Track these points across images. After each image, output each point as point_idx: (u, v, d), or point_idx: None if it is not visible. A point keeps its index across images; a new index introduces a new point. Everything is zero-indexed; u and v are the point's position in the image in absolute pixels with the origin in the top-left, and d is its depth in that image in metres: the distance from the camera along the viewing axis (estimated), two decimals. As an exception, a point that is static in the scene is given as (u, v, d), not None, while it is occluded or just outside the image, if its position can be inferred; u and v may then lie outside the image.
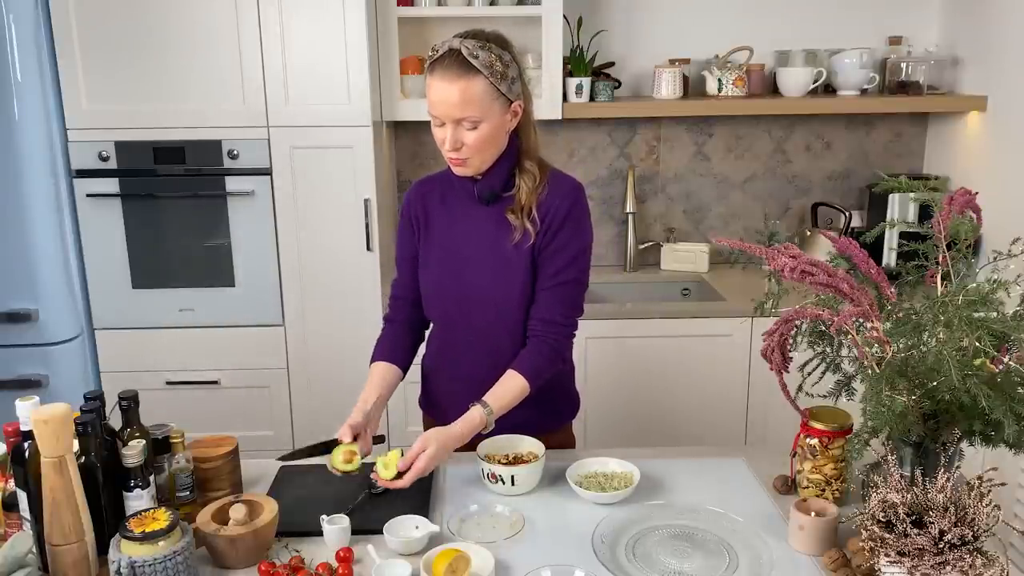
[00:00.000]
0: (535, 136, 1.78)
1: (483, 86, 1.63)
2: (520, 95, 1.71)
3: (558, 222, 1.75)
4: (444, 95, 1.63)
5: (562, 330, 1.79)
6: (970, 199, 1.47)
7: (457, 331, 1.86)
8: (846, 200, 3.31)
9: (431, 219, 1.85)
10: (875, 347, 1.38)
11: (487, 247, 1.79)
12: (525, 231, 1.75)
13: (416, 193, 1.89)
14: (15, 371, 2.70)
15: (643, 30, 3.20)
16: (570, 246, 1.76)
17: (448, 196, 1.84)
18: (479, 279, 1.80)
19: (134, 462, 1.45)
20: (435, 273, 1.85)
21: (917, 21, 3.20)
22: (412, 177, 3.28)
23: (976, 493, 1.25)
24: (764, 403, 2.87)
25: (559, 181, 1.80)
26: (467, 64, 1.62)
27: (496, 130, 1.69)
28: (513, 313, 1.79)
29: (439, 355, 1.93)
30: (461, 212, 1.82)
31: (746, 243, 1.46)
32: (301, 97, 2.68)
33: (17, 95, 2.53)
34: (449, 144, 1.67)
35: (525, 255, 1.76)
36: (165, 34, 2.62)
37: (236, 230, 2.78)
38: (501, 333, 1.81)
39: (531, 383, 1.74)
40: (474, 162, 1.71)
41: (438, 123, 1.69)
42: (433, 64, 1.66)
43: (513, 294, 1.78)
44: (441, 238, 1.84)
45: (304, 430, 2.91)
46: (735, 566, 1.45)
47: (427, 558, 1.41)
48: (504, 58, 1.66)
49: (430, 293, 1.87)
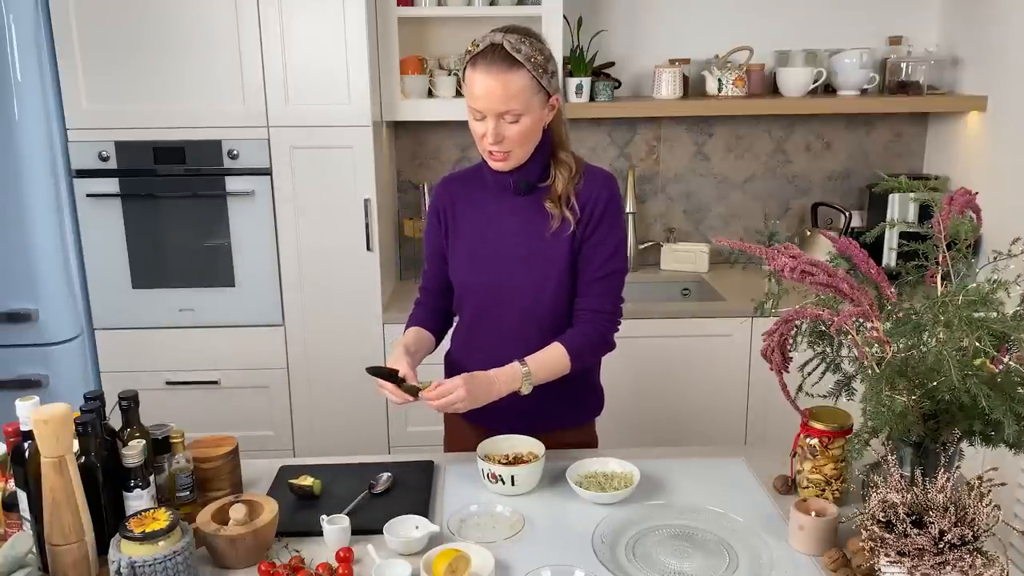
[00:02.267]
0: (567, 127, 1.81)
1: (526, 79, 1.65)
2: (558, 88, 1.74)
3: (599, 213, 1.77)
4: (488, 89, 1.65)
5: (611, 318, 1.82)
6: (970, 199, 1.47)
7: (487, 325, 1.86)
8: (846, 200, 3.31)
9: (460, 214, 1.86)
10: (875, 347, 1.38)
11: (523, 237, 1.80)
12: (564, 220, 1.76)
13: (444, 188, 1.91)
14: (15, 371, 2.70)
15: (643, 30, 3.20)
16: (613, 236, 1.79)
17: (478, 190, 1.85)
18: (513, 269, 1.80)
19: (134, 462, 1.45)
20: (467, 267, 1.86)
21: (917, 21, 3.20)
22: (412, 177, 3.28)
23: (976, 493, 1.25)
24: (764, 403, 2.87)
25: (593, 172, 1.82)
26: (511, 58, 1.64)
27: (536, 123, 1.71)
28: (545, 304, 1.80)
29: (466, 349, 1.92)
30: (494, 205, 1.83)
31: (746, 243, 1.46)
32: (301, 97, 2.68)
33: (17, 95, 2.53)
34: (491, 137, 1.69)
35: (564, 244, 1.77)
36: (165, 34, 2.62)
37: (236, 230, 2.78)
38: (531, 326, 1.80)
39: (572, 359, 1.75)
40: (516, 155, 1.73)
41: (478, 116, 1.70)
42: (475, 59, 1.67)
43: (548, 283, 1.79)
44: (472, 232, 1.85)
45: (304, 430, 2.92)
46: (735, 566, 1.45)
47: (427, 558, 1.41)
48: (545, 51, 1.69)
49: (462, 286, 1.88)
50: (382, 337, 2.83)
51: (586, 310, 1.80)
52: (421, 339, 1.89)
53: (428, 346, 1.91)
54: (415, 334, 1.89)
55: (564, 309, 1.81)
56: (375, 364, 1.72)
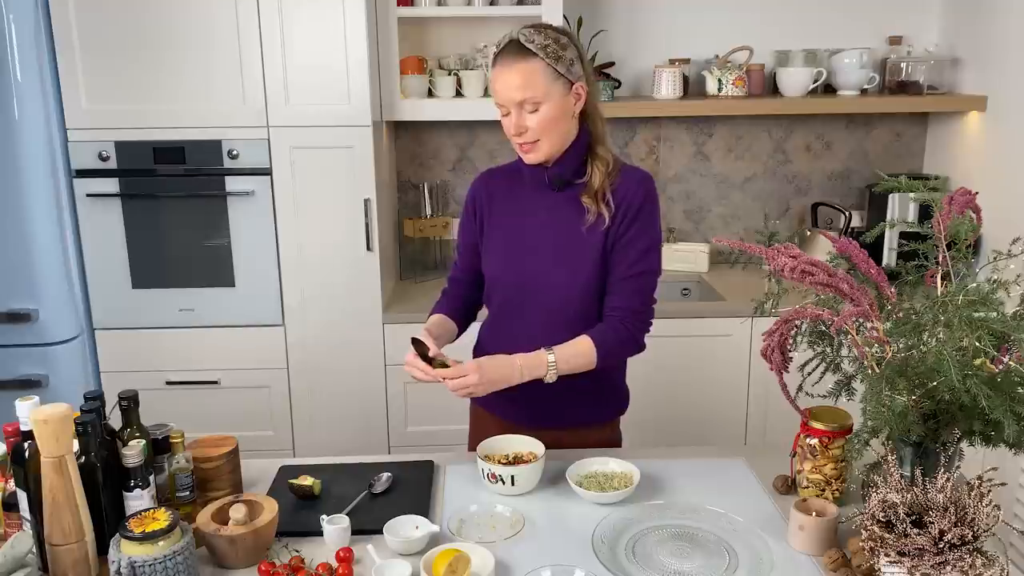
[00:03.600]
0: (603, 124, 1.82)
1: (539, 67, 1.68)
2: (582, 77, 1.74)
3: (634, 211, 1.77)
4: (504, 80, 1.69)
5: (642, 317, 1.81)
6: (970, 199, 1.47)
7: (515, 319, 1.86)
8: (846, 200, 3.31)
9: (495, 208, 1.87)
10: (875, 347, 1.38)
11: (557, 232, 1.80)
12: (599, 215, 1.76)
13: (482, 182, 1.92)
14: (15, 371, 2.70)
15: (643, 30, 3.21)
16: (647, 235, 1.78)
17: (515, 186, 1.86)
18: (546, 264, 1.80)
19: (134, 462, 1.45)
20: (500, 260, 1.86)
21: (917, 21, 3.20)
22: (412, 177, 3.28)
23: (976, 493, 1.25)
24: (764, 403, 2.87)
25: (630, 171, 1.82)
26: (523, 48, 1.68)
27: (559, 111, 1.71)
28: (575, 300, 1.79)
29: (492, 343, 1.90)
30: (529, 201, 1.83)
31: (746, 243, 1.46)
32: (301, 97, 2.68)
33: (17, 95, 2.53)
34: (513, 128, 1.71)
35: (598, 239, 1.77)
36: (165, 34, 2.62)
37: (236, 230, 2.78)
38: (559, 322, 1.79)
39: (599, 353, 1.74)
40: (543, 146, 1.73)
41: (504, 112, 1.73)
42: (496, 57, 1.72)
43: (579, 278, 1.78)
44: (507, 226, 1.85)
45: (304, 430, 2.92)
46: (735, 566, 1.45)
47: (427, 558, 1.41)
48: (560, 40, 1.71)
49: (493, 279, 1.88)
50: (382, 337, 2.83)
51: (615, 308, 1.79)
52: (444, 326, 1.89)
53: (451, 334, 1.91)
54: (439, 320, 1.89)
55: (592, 308, 1.80)
56: (414, 336, 1.70)
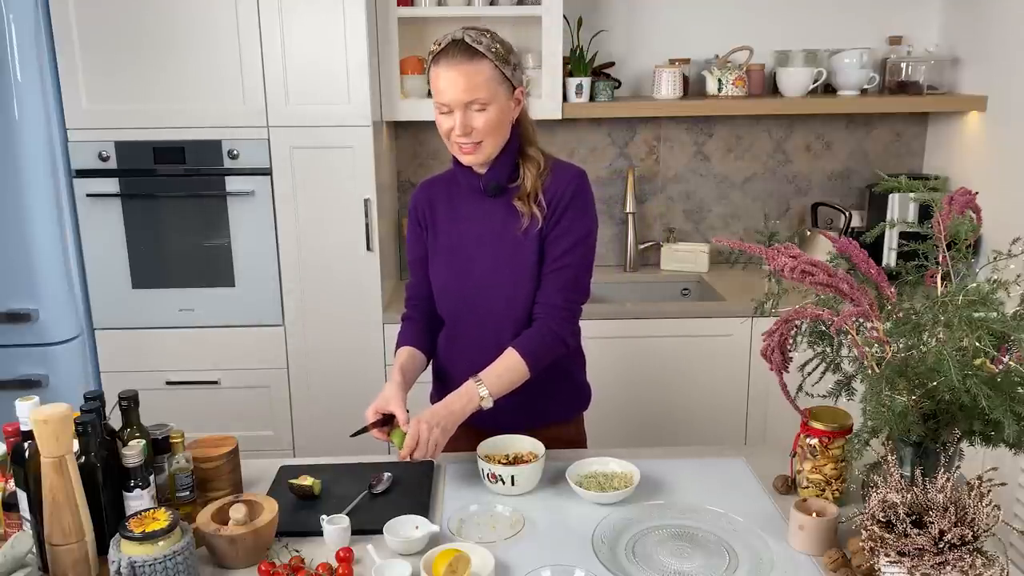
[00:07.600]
0: (532, 126, 1.83)
1: (489, 69, 1.68)
2: (521, 81, 1.76)
3: (562, 207, 1.77)
4: (451, 81, 1.67)
5: (563, 314, 1.80)
6: (970, 199, 1.47)
7: (465, 326, 1.87)
8: (846, 200, 3.31)
9: (437, 218, 1.88)
10: (875, 347, 1.38)
11: (495, 238, 1.80)
12: (533, 217, 1.77)
13: (422, 193, 1.92)
14: (15, 371, 2.70)
15: (643, 30, 3.21)
16: (573, 230, 1.78)
17: (453, 194, 1.86)
18: (487, 270, 1.81)
19: (134, 462, 1.45)
20: (444, 270, 1.87)
21: (917, 21, 3.20)
22: (412, 177, 3.28)
23: (976, 493, 1.25)
24: (764, 403, 2.87)
25: (562, 168, 1.83)
26: (472, 50, 1.68)
27: (503, 114, 1.72)
28: (520, 302, 1.80)
29: (449, 351, 1.92)
30: (466, 208, 1.84)
31: (746, 243, 1.46)
32: (301, 97, 2.68)
33: (17, 95, 2.53)
34: (459, 129, 1.70)
35: (533, 241, 1.78)
36: (165, 34, 2.62)
37: (236, 230, 2.78)
38: (506, 325, 1.81)
39: (528, 362, 1.74)
40: (486, 147, 1.74)
41: (445, 111, 1.71)
42: (437, 56, 1.70)
43: (521, 281, 1.79)
44: (448, 235, 1.86)
45: (304, 430, 2.92)
46: (735, 566, 1.45)
47: (427, 558, 1.41)
48: (505, 44, 1.73)
49: (440, 289, 1.89)
50: (382, 337, 2.83)
51: (539, 303, 1.80)
52: (415, 361, 1.89)
53: (421, 366, 1.91)
54: (408, 356, 1.88)
55: None
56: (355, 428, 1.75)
